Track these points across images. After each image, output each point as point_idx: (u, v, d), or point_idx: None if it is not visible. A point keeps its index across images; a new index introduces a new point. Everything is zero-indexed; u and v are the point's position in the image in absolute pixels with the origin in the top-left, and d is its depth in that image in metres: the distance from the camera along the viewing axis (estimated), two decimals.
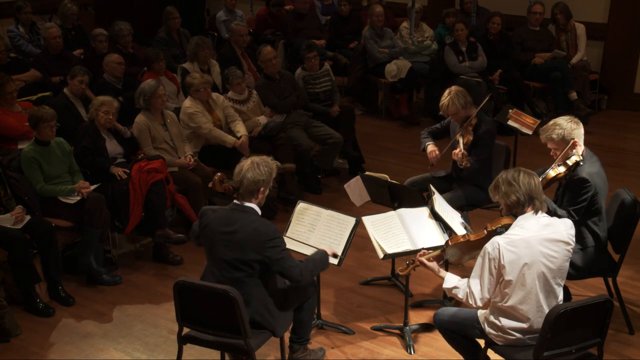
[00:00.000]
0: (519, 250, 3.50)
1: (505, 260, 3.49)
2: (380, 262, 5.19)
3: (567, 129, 4.33)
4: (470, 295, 3.62)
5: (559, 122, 4.38)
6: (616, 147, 8.02)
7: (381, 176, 5.07)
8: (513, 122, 6.29)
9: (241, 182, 3.78)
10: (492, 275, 3.55)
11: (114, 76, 6.82)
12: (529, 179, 3.58)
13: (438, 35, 9.27)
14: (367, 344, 4.65)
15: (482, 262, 3.57)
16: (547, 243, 3.54)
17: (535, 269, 3.52)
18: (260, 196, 3.84)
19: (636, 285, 5.27)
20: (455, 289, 3.70)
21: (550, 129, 4.39)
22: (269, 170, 3.83)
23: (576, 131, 4.34)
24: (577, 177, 4.33)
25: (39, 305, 5.02)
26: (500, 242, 3.50)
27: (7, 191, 5.12)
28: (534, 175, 3.63)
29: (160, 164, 5.66)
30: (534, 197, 3.57)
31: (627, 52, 9.08)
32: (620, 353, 4.50)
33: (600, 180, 4.37)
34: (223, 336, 3.79)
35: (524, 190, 3.56)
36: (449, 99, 5.21)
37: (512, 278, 3.51)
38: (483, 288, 3.58)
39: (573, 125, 4.35)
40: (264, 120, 6.73)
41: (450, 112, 5.25)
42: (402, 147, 8.16)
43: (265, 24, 9.89)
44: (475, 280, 3.60)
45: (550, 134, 4.38)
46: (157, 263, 5.75)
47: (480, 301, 3.60)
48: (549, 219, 3.61)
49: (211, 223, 3.82)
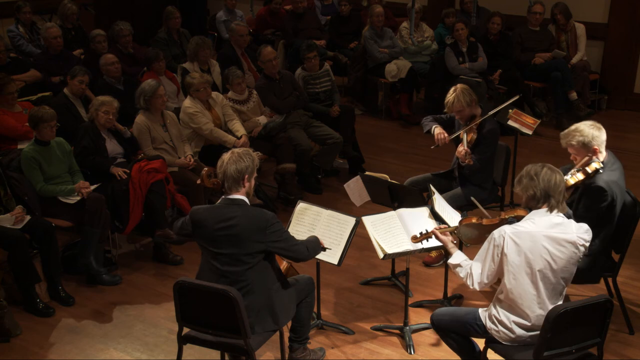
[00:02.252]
0: (522, 242, 3.52)
1: (507, 249, 3.52)
2: (380, 262, 5.19)
3: (588, 135, 4.27)
4: (469, 276, 3.69)
5: (581, 127, 4.31)
6: (616, 147, 7.94)
7: (381, 176, 5.07)
8: (513, 122, 6.29)
9: (224, 173, 3.80)
10: (493, 262, 3.59)
11: (112, 77, 6.82)
12: (550, 175, 3.55)
13: (438, 36, 9.27)
14: (367, 344, 4.65)
15: (487, 247, 3.62)
16: (553, 241, 3.54)
17: (535, 265, 3.53)
18: (247, 184, 3.85)
19: (636, 285, 5.27)
20: (459, 267, 3.76)
21: (570, 135, 4.33)
22: (250, 159, 3.85)
23: (598, 138, 4.28)
24: (595, 185, 4.27)
25: (39, 305, 5.02)
26: (507, 231, 3.54)
27: (7, 191, 5.12)
28: (558, 173, 3.59)
29: (160, 164, 5.66)
30: (551, 194, 3.55)
31: (627, 52, 9.09)
32: (620, 353, 4.50)
33: (618, 189, 4.32)
34: (223, 336, 3.79)
35: (542, 186, 3.54)
36: (454, 96, 5.20)
37: (512, 269, 3.53)
38: (483, 272, 3.64)
39: (595, 131, 4.28)
40: (264, 120, 6.74)
41: (455, 109, 5.23)
42: (402, 147, 8.16)
43: (265, 24, 9.89)
44: (478, 263, 3.67)
45: (570, 140, 4.33)
46: (157, 263, 5.75)
47: (478, 284, 3.66)
48: (562, 219, 3.60)
49: (206, 221, 3.82)
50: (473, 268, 3.69)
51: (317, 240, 4.16)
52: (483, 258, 3.65)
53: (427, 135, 5.51)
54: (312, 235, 4.23)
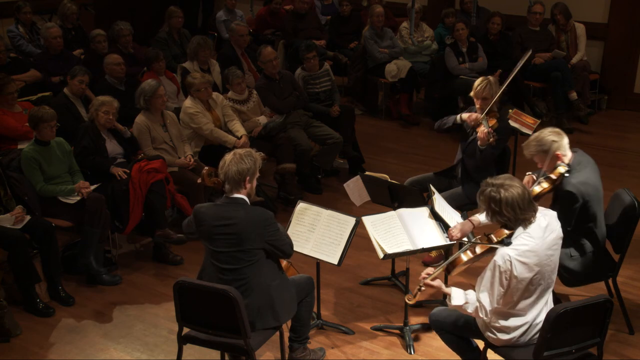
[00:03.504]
0: (529, 260, 3.50)
1: (517, 271, 3.48)
2: (380, 262, 5.19)
3: (547, 143, 4.28)
4: (480, 309, 3.59)
5: (540, 137, 4.33)
6: (616, 147, 8.02)
7: (381, 176, 5.07)
8: (513, 122, 6.28)
9: (226, 174, 3.80)
10: (502, 286, 3.52)
11: (115, 77, 6.81)
12: (508, 198, 3.46)
13: (438, 36, 9.27)
14: (367, 344, 4.65)
15: (491, 275, 3.52)
16: (550, 247, 3.56)
17: (541, 274, 3.54)
18: (248, 185, 3.86)
19: (636, 285, 5.27)
20: (466, 305, 3.66)
21: (531, 145, 4.34)
22: (252, 160, 3.85)
23: (556, 143, 4.27)
24: (563, 190, 4.28)
25: (39, 305, 5.02)
26: (511, 255, 3.48)
27: (7, 191, 5.12)
28: (513, 187, 3.50)
29: (160, 164, 5.66)
30: (520, 218, 3.51)
31: (627, 52, 9.08)
32: (620, 353, 4.50)
33: (590, 187, 4.30)
34: (223, 336, 3.79)
35: (508, 216, 3.51)
36: (486, 82, 5.16)
37: (521, 286, 3.52)
38: (493, 300, 3.55)
39: (553, 137, 4.29)
40: (264, 120, 6.74)
41: (483, 95, 5.18)
42: (402, 147, 8.16)
43: (265, 24, 9.89)
44: (485, 293, 3.57)
45: (531, 150, 4.35)
46: (157, 263, 5.75)
47: (490, 312, 3.59)
48: (544, 219, 3.59)
49: (206, 220, 3.84)
50: (482, 300, 3.57)
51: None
52: (489, 287, 3.54)
53: (449, 132, 5.44)
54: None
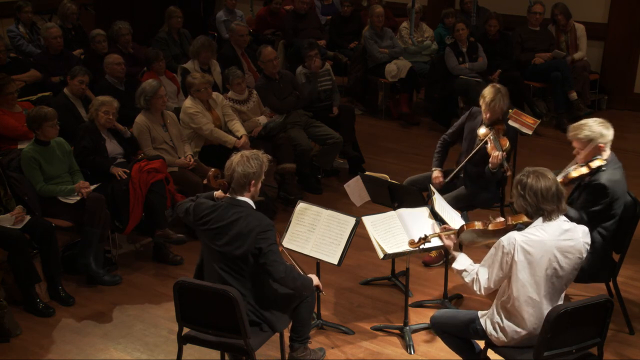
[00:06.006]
0: (534, 250, 3.49)
1: (518, 257, 3.49)
2: (380, 262, 5.19)
3: (596, 132, 4.30)
4: (476, 281, 3.64)
5: (590, 123, 4.35)
6: (616, 147, 7.89)
7: (381, 176, 5.07)
8: (513, 122, 6.28)
9: (232, 176, 3.80)
10: (501, 269, 3.55)
11: (115, 77, 6.81)
12: (536, 186, 3.49)
13: (438, 36, 9.27)
14: (367, 344, 4.65)
15: (494, 253, 3.57)
16: (562, 250, 3.52)
17: (544, 273, 3.52)
18: (253, 189, 3.85)
19: (636, 285, 5.27)
20: (465, 272, 3.71)
21: (579, 129, 4.35)
22: (259, 163, 3.84)
23: (605, 136, 4.31)
24: (597, 182, 4.28)
25: (39, 305, 5.02)
26: (517, 239, 3.50)
27: (7, 191, 5.12)
28: (545, 178, 3.52)
29: (160, 164, 5.66)
30: (542, 207, 3.51)
31: (627, 52, 9.09)
32: (620, 353, 4.50)
33: (620, 188, 4.33)
34: (223, 336, 3.79)
35: (531, 202, 3.52)
36: (499, 96, 5.08)
37: (522, 277, 3.51)
38: (490, 278, 3.60)
39: (603, 129, 4.31)
40: (264, 120, 6.74)
41: (492, 108, 5.10)
42: (402, 147, 8.16)
43: (265, 24, 9.89)
44: (484, 269, 3.63)
45: (578, 134, 4.34)
46: (157, 263, 5.75)
47: (485, 290, 3.63)
48: (569, 224, 3.58)
49: (207, 217, 3.83)
50: (480, 273, 3.63)
51: (306, 279, 3.97)
52: (490, 264, 3.60)
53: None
54: (309, 276, 4.06)
